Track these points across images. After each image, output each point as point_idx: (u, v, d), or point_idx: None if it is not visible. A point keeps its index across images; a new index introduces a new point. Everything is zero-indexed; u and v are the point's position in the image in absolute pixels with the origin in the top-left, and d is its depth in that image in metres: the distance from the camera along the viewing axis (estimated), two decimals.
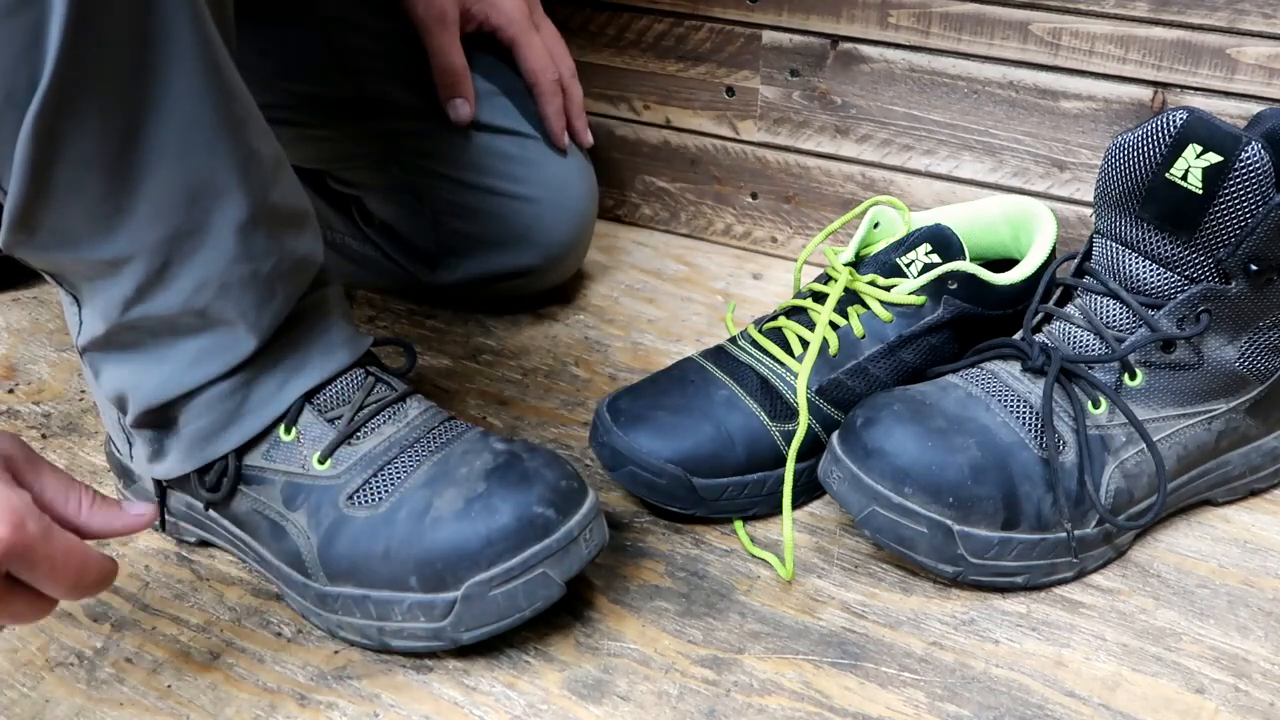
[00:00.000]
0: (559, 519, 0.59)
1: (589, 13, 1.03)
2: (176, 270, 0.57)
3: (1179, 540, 0.70)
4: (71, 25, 0.48)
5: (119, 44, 0.51)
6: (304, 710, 0.59)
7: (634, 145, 1.07)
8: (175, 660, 0.62)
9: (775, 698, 0.60)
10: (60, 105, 0.50)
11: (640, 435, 0.69)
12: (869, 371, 0.72)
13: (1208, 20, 0.80)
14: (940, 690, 0.60)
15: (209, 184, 0.56)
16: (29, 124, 0.50)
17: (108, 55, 0.51)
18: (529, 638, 0.63)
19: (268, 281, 0.60)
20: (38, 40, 0.48)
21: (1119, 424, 0.65)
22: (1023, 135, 0.90)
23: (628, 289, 0.99)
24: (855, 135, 0.96)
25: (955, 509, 0.63)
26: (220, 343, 0.60)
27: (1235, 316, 0.65)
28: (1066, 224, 0.91)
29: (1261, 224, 0.61)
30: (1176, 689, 0.60)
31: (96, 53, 0.50)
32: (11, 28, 0.48)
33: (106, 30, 0.50)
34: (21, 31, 0.48)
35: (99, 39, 0.50)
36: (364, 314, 0.95)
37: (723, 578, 0.68)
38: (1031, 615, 0.65)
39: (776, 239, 1.04)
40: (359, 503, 0.61)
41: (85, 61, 0.50)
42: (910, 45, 0.91)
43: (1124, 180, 0.64)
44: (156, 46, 0.52)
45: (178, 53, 0.53)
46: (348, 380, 0.64)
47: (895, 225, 0.76)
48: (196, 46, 0.53)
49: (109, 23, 0.50)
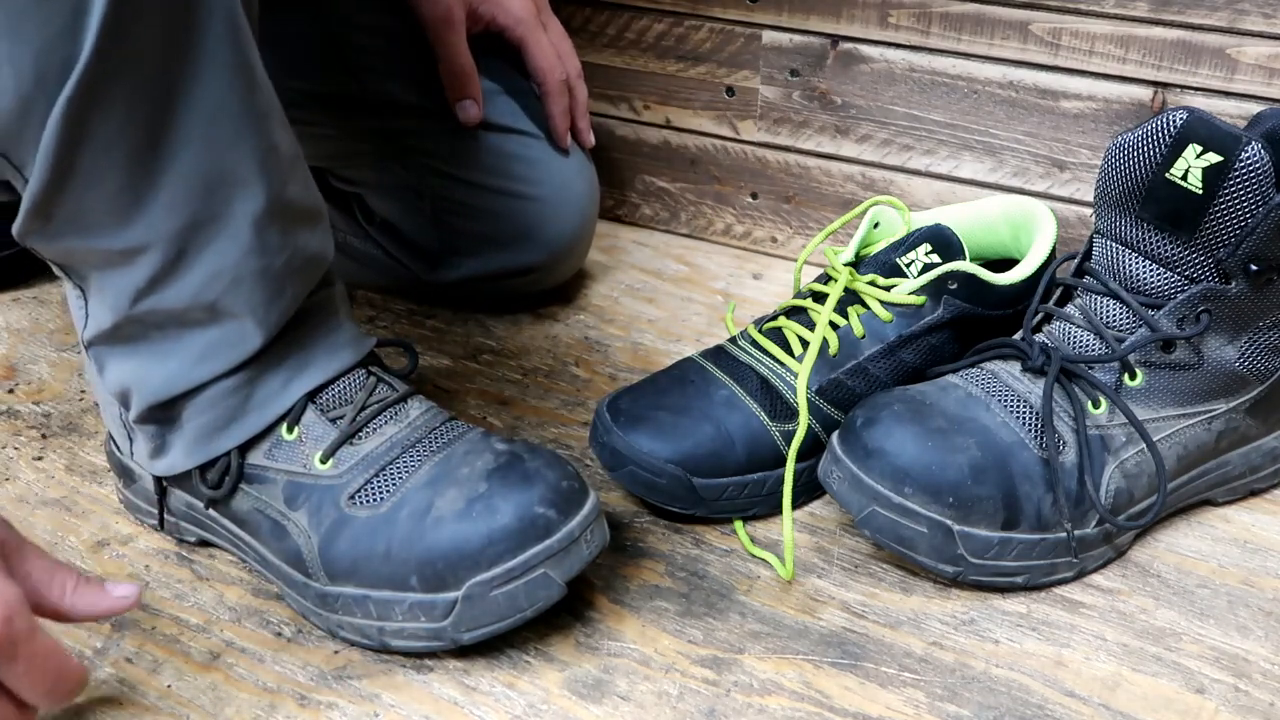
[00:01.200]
0: (560, 519, 0.59)
1: (589, 13, 1.03)
2: (190, 261, 0.57)
3: (1179, 540, 0.70)
4: (110, 10, 0.48)
5: (155, 31, 0.50)
6: (304, 710, 0.59)
7: (634, 145, 1.07)
8: (175, 660, 0.62)
9: (775, 698, 0.60)
10: (92, 92, 0.50)
11: (640, 435, 0.69)
12: (869, 371, 0.72)
13: (1208, 20, 0.80)
14: (940, 690, 0.60)
15: (229, 174, 0.56)
16: (59, 110, 0.50)
17: (143, 42, 0.50)
18: (529, 638, 0.63)
19: (279, 277, 0.60)
20: (76, 24, 0.48)
21: (1119, 424, 0.65)
22: (1023, 135, 0.90)
23: (628, 289, 0.99)
24: (855, 135, 0.97)
25: (955, 509, 0.63)
26: (227, 338, 0.60)
27: (1235, 316, 0.65)
28: (1066, 224, 0.91)
29: (1261, 224, 0.61)
30: (1176, 689, 0.60)
31: (133, 39, 0.50)
32: (50, 11, 0.48)
33: (144, 17, 0.49)
34: (60, 14, 0.48)
35: (136, 25, 0.49)
36: (364, 314, 0.95)
37: (723, 578, 0.68)
38: (1031, 615, 0.65)
39: (776, 239, 1.04)
40: (360, 503, 0.61)
41: (121, 47, 0.49)
42: (910, 45, 0.91)
43: (1124, 180, 0.64)
44: (191, 34, 0.52)
45: (211, 41, 0.52)
46: (350, 380, 0.64)
47: (895, 225, 0.76)
48: (229, 35, 0.53)
49: (146, 9, 0.49)
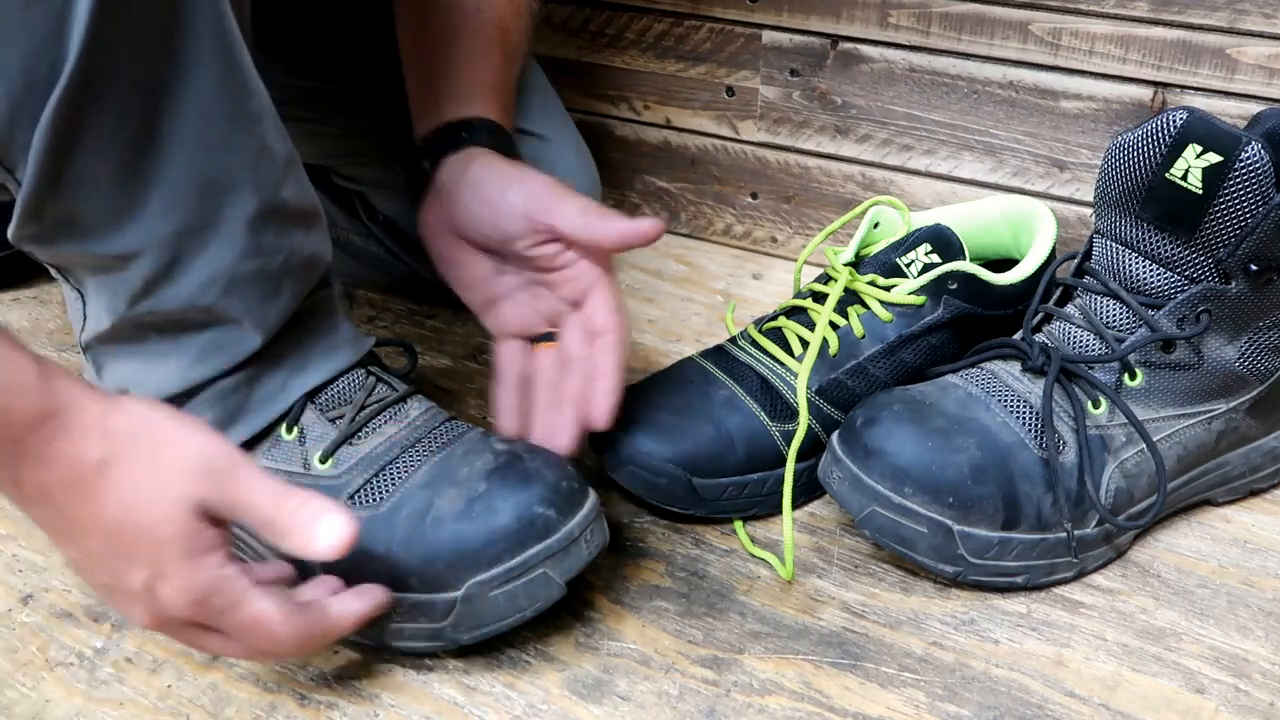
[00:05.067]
0: (559, 519, 0.59)
1: (589, 13, 1.03)
2: (185, 265, 0.57)
3: (1179, 540, 0.70)
4: (96, 13, 0.48)
5: (141, 34, 0.50)
6: (304, 710, 0.59)
7: (634, 145, 1.07)
8: (175, 660, 0.62)
9: (775, 698, 0.60)
10: (81, 95, 0.50)
11: (640, 435, 0.69)
12: (869, 371, 0.72)
13: (1208, 20, 0.80)
14: (940, 690, 0.60)
15: (222, 178, 0.56)
16: (49, 113, 0.50)
17: (130, 45, 0.50)
18: (529, 638, 0.63)
19: (275, 278, 0.60)
20: (62, 28, 0.48)
21: (1119, 424, 0.65)
22: (1023, 135, 0.90)
23: (628, 289, 0.99)
24: (855, 135, 0.97)
25: (955, 509, 0.63)
26: (225, 339, 0.60)
27: (1235, 316, 0.65)
28: (1066, 224, 0.91)
29: (1261, 224, 0.61)
30: (1176, 689, 0.60)
31: (119, 42, 0.50)
32: (36, 14, 0.48)
33: (130, 20, 0.50)
34: (46, 19, 0.48)
35: (123, 28, 0.49)
36: (364, 314, 0.95)
37: (723, 578, 0.68)
38: (1031, 615, 0.65)
39: (776, 239, 1.04)
40: (360, 503, 0.61)
41: (108, 51, 0.49)
42: (910, 45, 0.91)
43: (1124, 180, 0.64)
44: (178, 37, 0.52)
45: (198, 45, 0.52)
46: (350, 380, 0.64)
47: (895, 225, 0.76)
48: (216, 39, 0.53)
49: (133, 12, 0.50)
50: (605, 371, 0.66)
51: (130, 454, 0.50)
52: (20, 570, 0.68)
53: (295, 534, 0.52)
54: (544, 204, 0.67)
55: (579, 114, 1.06)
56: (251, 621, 0.53)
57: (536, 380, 0.70)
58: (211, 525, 0.52)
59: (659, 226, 0.65)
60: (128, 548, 0.51)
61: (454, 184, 0.69)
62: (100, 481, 0.50)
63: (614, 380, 0.66)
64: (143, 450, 0.50)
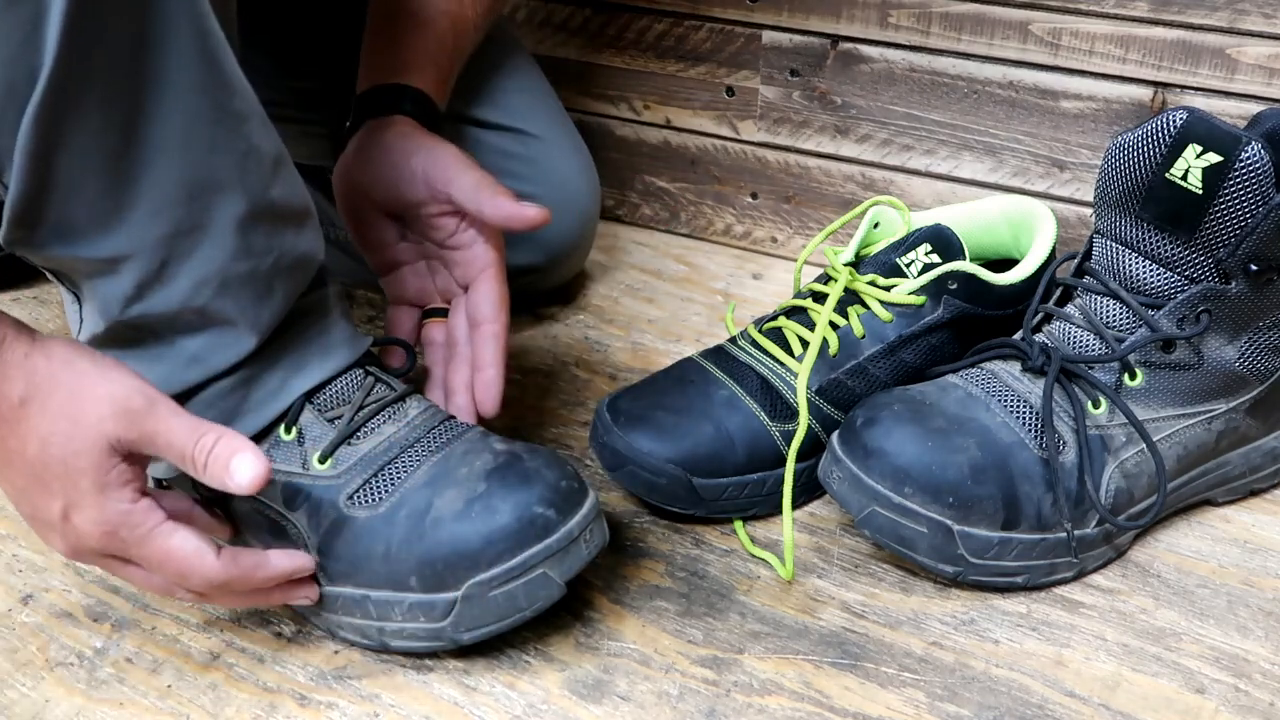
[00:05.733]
0: (559, 519, 0.59)
1: (589, 13, 1.03)
2: (176, 268, 0.57)
3: (1179, 540, 0.70)
4: (70, 17, 0.48)
5: (118, 37, 0.51)
6: (304, 710, 0.59)
7: (634, 145, 1.07)
8: (175, 660, 0.62)
9: (775, 698, 0.60)
10: (60, 98, 0.50)
11: (640, 435, 0.69)
12: (869, 371, 0.72)
13: (1208, 20, 0.80)
14: (940, 690, 0.60)
15: (209, 179, 0.56)
16: (29, 118, 0.50)
17: (107, 48, 0.50)
18: (529, 638, 0.63)
19: (267, 279, 0.60)
20: (36, 32, 0.48)
21: (1119, 424, 0.65)
22: (1023, 135, 0.90)
23: (628, 289, 0.99)
24: (855, 135, 0.97)
25: (955, 509, 0.63)
26: (220, 340, 0.60)
27: (1235, 316, 0.65)
28: (1066, 224, 0.91)
29: (1261, 224, 0.61)
30: (1176, 689, 0.60)
31: (95, 45, 0.50)
32: (10, 20, 0.48)
33: (105, 23, 0.50)
34: (20, 24, 0.48)
35: (97, 31, 0.50)
36: (364, 314, 0.95)
37: (723, 578, 0.68)
38: (1031, 615, 0.65)
39: (776, 239, 1.04)
40: (359, 503, 0.61)
41: (84, 54, 0.49)
42: (910, 45, 0.91)
43: (1124, 180, 0.64)
44: (155, 40, 0.52)
45: (176, 46, 0.52)
46: (348, 380, 0.64)
47: (895, 225, 0.76)
48: (195, 40, 0.53)
49: (107, 15, 0.50)
50: (488, 362, 0.70)
51: (50, 393, 0.53)
52: (20, 570, 0.68)
53: (211, 469, 0.55)
54: (446, 173, 0.70)
55: (579, 114, 1.06)
56: (162, 554, 0.55)
57: (426, 351, 0.75)
58: (126, 461, 0.54)
59: (544, 215, 0.69)
60: (45, 481, 0.54)
61: (368, 145, 0.73)
62: (22, 418, 0.53)
63: (496, 371, 0.70)
64: (62, 389, 0.53)
